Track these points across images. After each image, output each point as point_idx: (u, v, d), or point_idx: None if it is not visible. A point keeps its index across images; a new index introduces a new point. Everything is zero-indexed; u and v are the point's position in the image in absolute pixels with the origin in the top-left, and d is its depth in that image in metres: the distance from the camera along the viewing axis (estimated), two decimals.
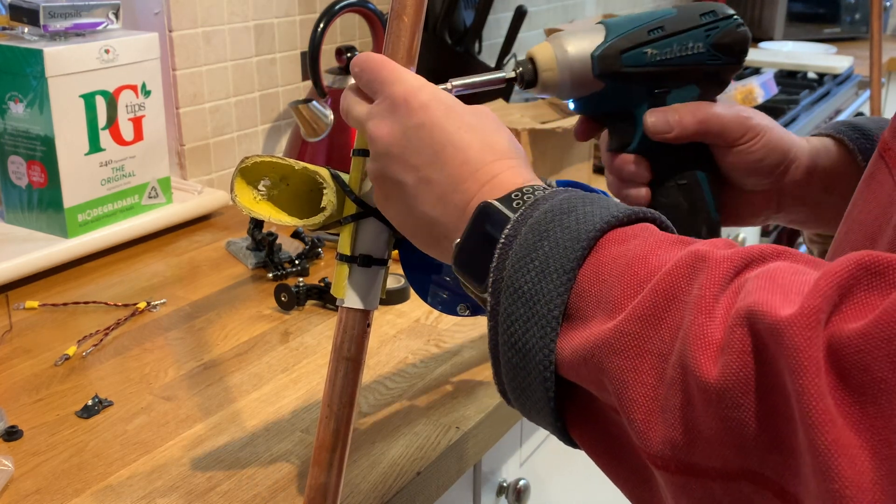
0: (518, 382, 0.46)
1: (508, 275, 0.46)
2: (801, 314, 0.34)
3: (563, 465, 1.20)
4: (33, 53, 1.13)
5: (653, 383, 0.39)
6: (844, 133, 0.69)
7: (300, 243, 1.23)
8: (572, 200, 0.47)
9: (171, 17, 1.35)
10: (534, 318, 0.44)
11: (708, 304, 0.38)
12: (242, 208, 0.64)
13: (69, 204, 1.19)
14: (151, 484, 0.76)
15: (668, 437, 0.38)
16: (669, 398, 0.38)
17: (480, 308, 0.65)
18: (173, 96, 1.38)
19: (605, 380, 0.41)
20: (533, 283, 0.44)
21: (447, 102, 0.55)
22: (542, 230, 0.46)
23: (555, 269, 0.44)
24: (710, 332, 0.37)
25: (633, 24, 0.66)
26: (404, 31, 0.60)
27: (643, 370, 0.39)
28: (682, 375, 0.37)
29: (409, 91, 0.55)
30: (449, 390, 0.91)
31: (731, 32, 0.68)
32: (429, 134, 0.54)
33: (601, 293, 0.43)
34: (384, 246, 0.63)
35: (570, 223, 0.45)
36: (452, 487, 0.85)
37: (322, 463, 0.63)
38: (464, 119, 0.54)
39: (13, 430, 0.82)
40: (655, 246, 0.43)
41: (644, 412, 0.39)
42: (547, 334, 0.44)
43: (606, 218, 0.45)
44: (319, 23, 1.35)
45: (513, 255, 0.46)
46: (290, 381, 0.92)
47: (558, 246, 0.44)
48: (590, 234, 0.44)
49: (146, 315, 1.06)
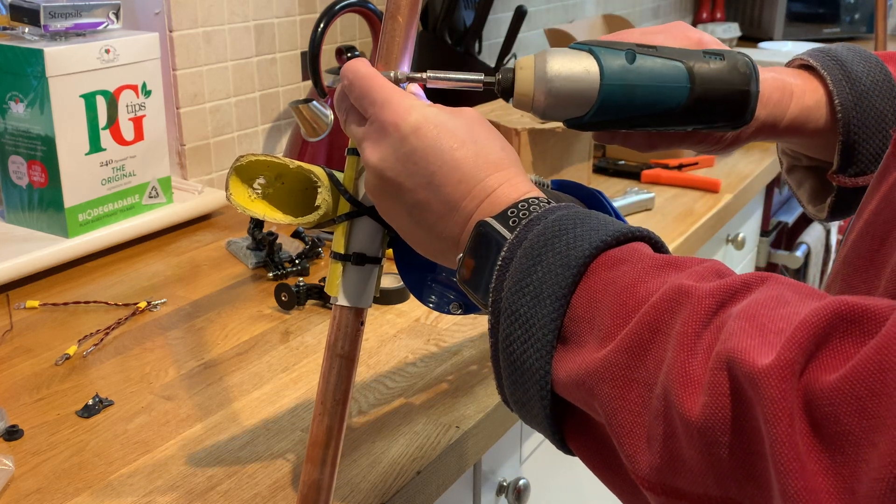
0: (518, 396, 0.48)
1: (506, 297, 0.47)
2: (776, 366, 0.36)
3: (563, 464, 1.20)
4: (34, 53, 1.13)
5: (639, 411, 0.41)
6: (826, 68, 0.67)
7: (300, 243, 1.24)
8: (564, 221, 0.48)
9: (171, 17, 1.35)
10: (530, 341, 0.46)
11: (690, 342, 0.39)
12: (237, 206, 0.65)
13: (69, 204, 1.19)
14: (152, 483, 0.76)
15: (653, 463, 0.40)
16: (654, 427, 0.40)
17: (473, 307, 0.65)
18: (174, 96, 1.39)
19: (596, 405, 0.43)
20: (529, 308, 0.46)
21: (437, 121, 0.55)
22: (536, 255, 0.47)
23: (548, 296, 0.45)
24: (692, 370, 0.38)
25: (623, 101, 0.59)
26: (398, 30, 0.60)
27: (630, 398, 0.41)
28: (665, 408, 0.39)
29: (398, 115, 0.55)
30: (449, 390, 0.91)
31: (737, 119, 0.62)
32: (422, 158, 0.54)
33: (594, 319, 0.44)
34: (378, 244, 0.64)
35: (561, 248, 0.46)
36: (452, 487, 0.85)
37: (315, 459, 0.64)
38: (456, 136, 0.54)
39: (14, 430, 0.82)
40: (644, 273, 0.44)
41: (631, 438, 0.41)
42: (542, 357, 0.45)
43: (596, 243, 0.46)
44: (319, 23, 1.36)
45: (510, 277, 0.47)
46: (290, 380, 0.92)
47: (550, 272, 0.46)
48: (579, 261, 0.46)
49: (146, 315, 1.07)
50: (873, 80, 0.66)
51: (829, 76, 0.67)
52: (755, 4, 2.89)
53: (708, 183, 1.52)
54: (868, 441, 0.33)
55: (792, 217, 2.07)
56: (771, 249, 2.00)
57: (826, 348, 0.36)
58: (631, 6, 2.65)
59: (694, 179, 1.54)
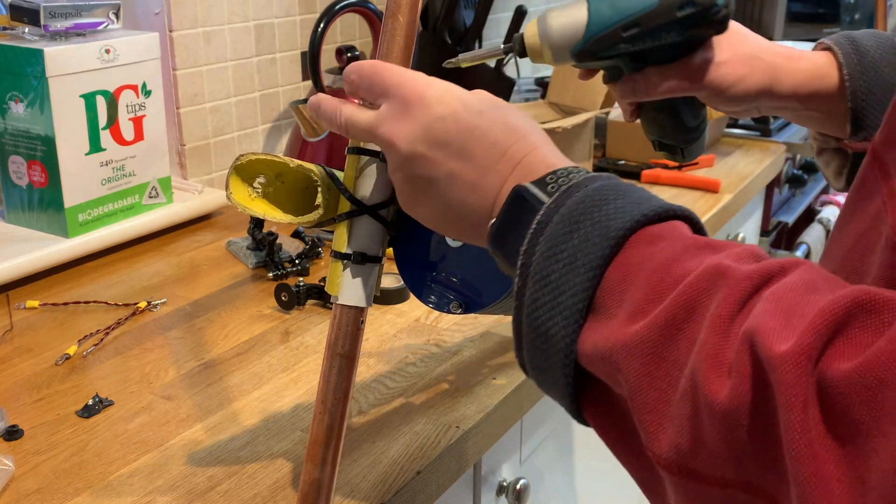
0: (538, 362, 0.48)
1: (537, 261, 0.47)
2: (794, 351, 0.36)
3: (563, 464, 1.20)
4: (34, 53, 1.13)
5: (664, 389, 0.41)
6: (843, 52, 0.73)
7: (300, 243, 1.24)
8: (605, 191, 0.48)
9: (171, 16, 1.35)
10: (558, 308, 0.46)
11: (723, 324, 0.39)
12: (237, 205, 0.65)
13: (69, 203, 1.19)
14: (152, 483, 0.76)
15: (674, 443, 0.40)
16: (679, 407, 0.40)
17: (473, 306, 0.65)
18: (174, 96, 1.39)
19: (621, 379, 0.42)
20: (560, 274, 0.46)
21: (458, 93, 0.55)
22: (573, 221, 0.46)
23: (582, 265, 0.45)
24: (722, 353, 0.38)
25: (611, 17, 0.69)
26: (399, 29, 0.60)
27: (658, 376, 0.41)
28: (692, 389, 0.39)
29: (420, 87, 0.55)
30: (449, 390, 0.91)
31: (707, 18, 0.68)
32: (453, 124, 0.54)
33: (626, 293, 0.44)
34: (379, 243, 0.64)
35: (600, 218, 0.46)
36: (452, 487, 0.85)
37: (315, 459, 0.64)
38: (481, 103, 0.55)
39: (14, 430, 0.82)
40: (682, 251, 0.44)
41: (653, 415, 0.41)
42: (570, 325, 0.45)
43: (637, 216, 0.46)
44: (319, 23, 1.36)
45: (543, 242, 0.47)
46: (290, 380, 0.92)
47: (587, 241, 0.46)
48: (619, 233, 0.45)
49: (146, 315, 1.07)
50: (882, 53, 0.71)
51: (839, 49, 0.73)
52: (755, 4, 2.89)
53: (708, 183, 1.52)
54: (878, 431, 0.33)
55: (792, 217, 2.07)
56: (771, 249, 2.00)
57: (843, 336, 0.36)
58: None
59: (694, 179, 1.54)
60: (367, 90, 0.57)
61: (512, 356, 0.97)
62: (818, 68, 0.74)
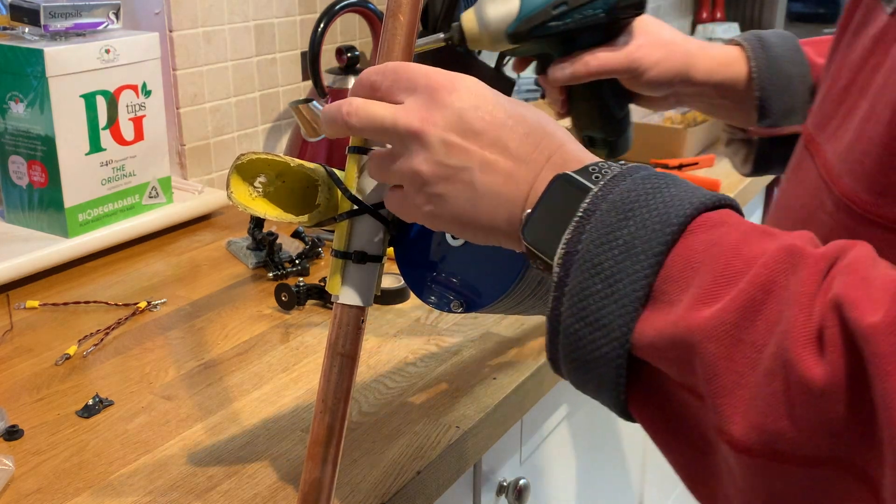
0: (580, 354, 0.47)
1: (586, 249, 0.46)
2: (885, 322, 0.37)
3: (563, 464, 1.20)
4: (34, 53, 1.13)
5: (743, 371, 0.40)
6: (752, 46, 0.81)
7: (300, 243, 1.24)
8: (655, 180, 0.48)
9: (171, 16, 1.35)
10: (613, 296, 0.45)
11: (808, 301, 0.40)
12: (238, 205, 0.65)
13: (70, 203, 1.19)
14: (152, 483, 0.76)
15: (756, 424, 0.40)
16: (761, 387, 0.40)
17: (473, 304, 0.65)
18: (174, 96, 1.39)
19: (696, 363, 0.42)
20: (616, 262, 0.45)
21: (487, 87, 0.55)
22: (626, 209, 0.46)
23: (642, 251, 0.45)
24: (811, 330, 0.39)
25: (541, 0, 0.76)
26: (400, 29, 0.60)
27: (736, 359, 0.41)
28: (781, 368, 0.39)
29: (452, 77, 0.54)
30: (449, 390, 0.91)
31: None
32: (488, 113, 0.53)
33: (691, 279, 0.44)
34: (379, 243, 0.64)
35: (656, 205, 0.46)
36: (452, 487, 0.85)
37: (316, 458, 0.63)
38: (509, 100, 0.55)
39: (14, 430, 0.82)
40: (745, 236, 0.45)
41: (731, 398, 0.41)
42: (628, 313, 0.44)
43: (696, 203, 0.46)
44: (319, 23, 1.36)
45: (591, 230, 0.46)
46: (290, 380, 0.92)
47: (645, 227, 0.45)
48: (680, 220, 0.45)
49: (146, 315, 1.07)
50: (784, 49, 0.80)
51: (747, 44, 0.81)
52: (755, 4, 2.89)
53: (707, 183, 1.52)
54: None
55: None
56: None
57: None
58: None
59: (694, 179, 1.54)
60: (389, 88, 0.56)
61: (512, 356, 0.97)
62: (729, 58, 0.81)
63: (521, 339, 1.01)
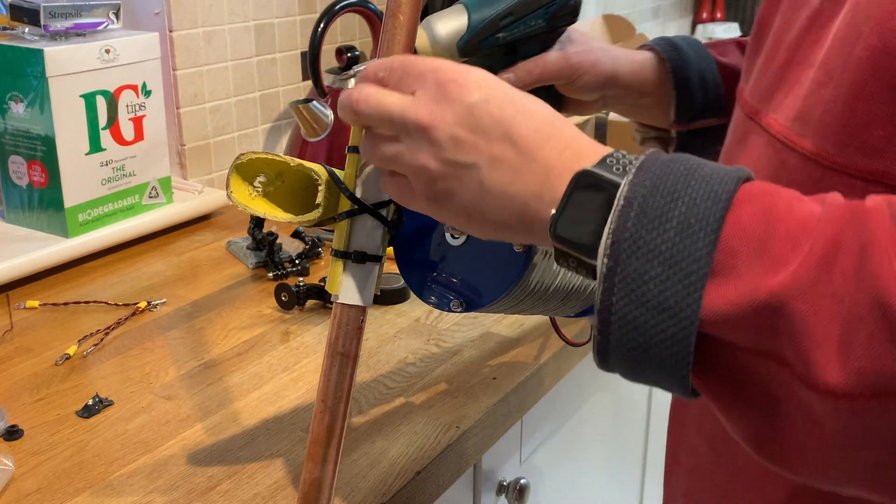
0: (642, 340, 0.47)
1: (637, 235, 0.47)
2: None
3: (563, 464, 1.20)
4: (34, 53, 1.13)
5: (828, 323, 0.43)
6: (664, 49, 0.87)
7: (300, 243, 1.24)
8: (684, 162, 0.49)
9: (171, 16, 1.35)
10: (675, 277, 0.46)
11: (889, 246, 0.43)
12: (238, 204, 0.65)
13: (70, 203, 1.19)
14: (152, 483, 0.76)
15: (856, 369, 0.42)
16: (857, 333, 0.42)
17: (473, 304, 0.65)
18: (174, 96, 1.39)
19: (781, 325, 0.44)
20: (673, 243, 0.46)
21: (497, 80, 0.54)
22: (671, 191, 0.47)
23: (700, 228, 0.46)
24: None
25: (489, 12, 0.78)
26: (399, 28, 0.60)
27: (823, 313, 0.43)
28: (876, 310, 0.42)
29: (460, 71, 0.54)
30: (449, 390, 0.91)
31: (565, 6, 0.80)
32: (498, 108, 0.53)
33: (752, 248, 0.45)
34: (379, 242, 0.64)
35: (698, 184, 0.47)
36: (452, 487, 0.85)
37: (316, 458, 0.63)
38: (519, 93, 0.54)
39: (14, 430, 0.82)
40: (789, 200, 0.47)
41: (825, 350, 0.43)
42: (696, 291, 0.45)
43: (734, 177, 0.48)
44: (319, 23, 1.36)
45: (638, 216, 0.47)
46: (290, 380, 0.92)
47: (696, 206, 0.46)
48: (728, 194, 0.47)
49: (147, 315, 1.07)
50: (693, 51, 0.87)
51: (660, 48, 0.87)
52: (755, 4, 2.89)
53: None
54: None
55: None
56: None
57: None
58: (631, 6, 2.65)
59: None
60: (397, 82, 0.55)
61: (512, 356, 0.97)
62: (647, 61, 0.87)
63: (521, 339, 1.01)
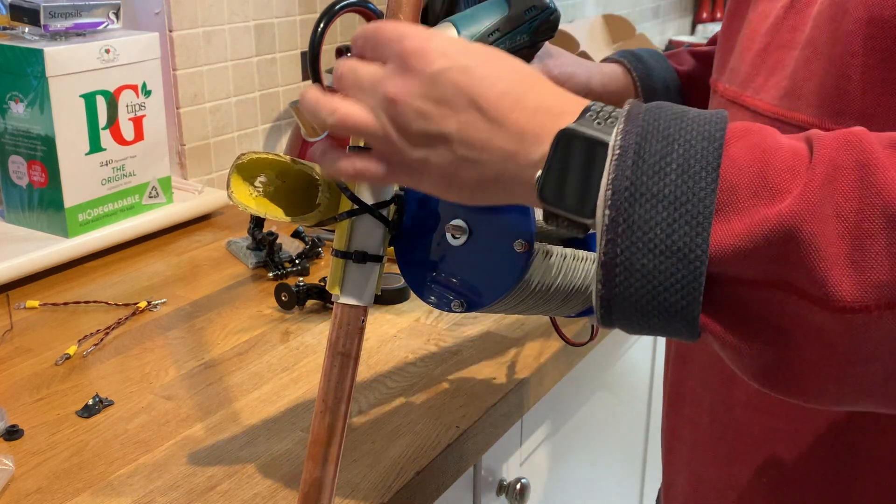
0: (650, 287, 0.48)
1: (638, 181, 0.47)
2: None
3: (563, 464, 1.20)
4: (34, 53, 1.13)
5: (837, 242, 0.45)
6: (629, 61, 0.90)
7: (300, 243, 1.24)
8: (669, 107, 0.50)
9: (171, 16, 1.35)
10: (682, 219, 0.47)
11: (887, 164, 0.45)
12: (238, 204, 0.65)
13: (70, 203, 1.19)
14: (152, 483, 0.76)
15: (871, 281, 0.44)
16: (868, 248, 0.44)
17: (474, 304, 0.65)
18: (174, 96, 1.39)
19: (792, 250, 0.45)
20: (675, 186, 0.47)
21: (462, 45, 0.54)
22: (666, 135, 0.48)
23: (702, 168, 0.47)
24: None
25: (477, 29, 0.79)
26: None
27: (828, 233, 0.45)
28: (882, 225, 0.44)
29: (422, 40, 0.54)
30: (449, 389, 0.91)
31: (546, 21, 0.81)
32: (460, 74, 0.52)
33: (751, 182, 0.47)
34: (380, 242, 0.64)
35: (689, 126, 0.48)
36: (452, 487, 0.85)
37: (317, 457, 0.63)
38: (485, 55, 0.54)
39: (14, 430, 0.82)
40: (774, 135, 0.48)
41: (836, 268, 0.45)
42: (702, 231, 0.46)
43: (721, 117, 0.49)
44: (319, 23, 1.35)
45: (636, 164, 0.48)
46: (290, 380, 0.92)
47: (693, 147, 0.47)
48: (721, 133, 0.48)
49: (147, 314, 1.07)
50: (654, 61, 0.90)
51: (625, 60, 0.90)
52: None
53: None
54: None
55: None
56: None
57: None
58: (631, 6, 2.65)
59: None
60: (372, 49, 0.56)
61: (512, 356, 0.97)
62: (615, 71, 0.90)
63: (521, 339, 1.01)
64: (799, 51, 0.61)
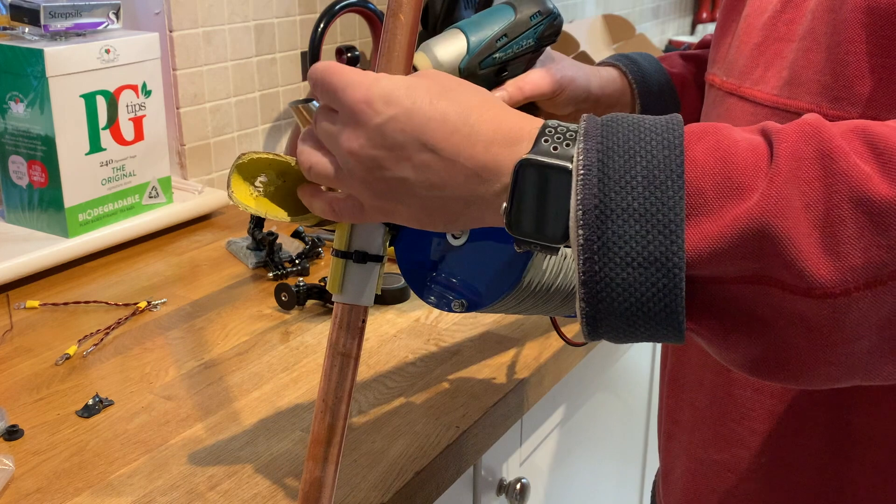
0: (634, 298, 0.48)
1: (607, 199, 0.48)
2: None
3: (563, 464, 1.20)
4: (34, 53, 1.13)
5: (808, 232, 0.45)
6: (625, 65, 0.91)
7: (300, 243, 1.24)
8: (623, 119, 0.50)
9: (171, 16, 1.35)
10: (654, 230, 0.47)
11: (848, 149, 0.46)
12: (239, 204, 0.64)
13: (70, 203, 1.19)
14: (152, 483, 0.76)
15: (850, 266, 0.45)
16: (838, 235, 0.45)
17: (474, 304, 0.65)
18: (174, 96, 1.39)
19: (766, 246, 0.45)
20: (644, 199, 0.47)
21: (406, 83, 0.55)
22: (627, 148, 0.48)
23: (667, 177, 0.47)
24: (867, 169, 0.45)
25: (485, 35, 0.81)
26: (401, 28, 0.60)
27: (799, 224, 0.45)
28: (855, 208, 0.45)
29: (364, 90, 0.54)
30: (449, 389, 0.91)
31: (551, 26, 0.84)
32: (406, 120, 0.53)
33: (716, 183, 0.47)
34: (380, 242, 0.64)
35: (646, 136, 0.48)
36: (452, 486, 0.85)
37: (317, 457, 0.63)
38: (430, 90, 0.54)
39: (14, 430, 0.82)
40: (729, 133, 0.49)
41: (812, 258, 0.45)
42: (676, 239, 0.47)
43: (676, 122, 0.49)
44: (319, 23, 1.36)
45: (602, 181, 0.48)
46: (290, 380, 0.92)
47: (654, 157, 0.48)
48: (679, 139, 0.48)
49: (147, 314, 1.07)
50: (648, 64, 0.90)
51: (620, 63, 0.91)
52: None
53: None
54: None
55: None
56: None
57: None
58: (631, 6, 2.65)
59: None
60: (323, 94, 0.57)
61: (512, 356, 0.97)
62: (612, 74, 0.90)
63: (521, 339, 1.01)
64: (798, 42, 0.63)
